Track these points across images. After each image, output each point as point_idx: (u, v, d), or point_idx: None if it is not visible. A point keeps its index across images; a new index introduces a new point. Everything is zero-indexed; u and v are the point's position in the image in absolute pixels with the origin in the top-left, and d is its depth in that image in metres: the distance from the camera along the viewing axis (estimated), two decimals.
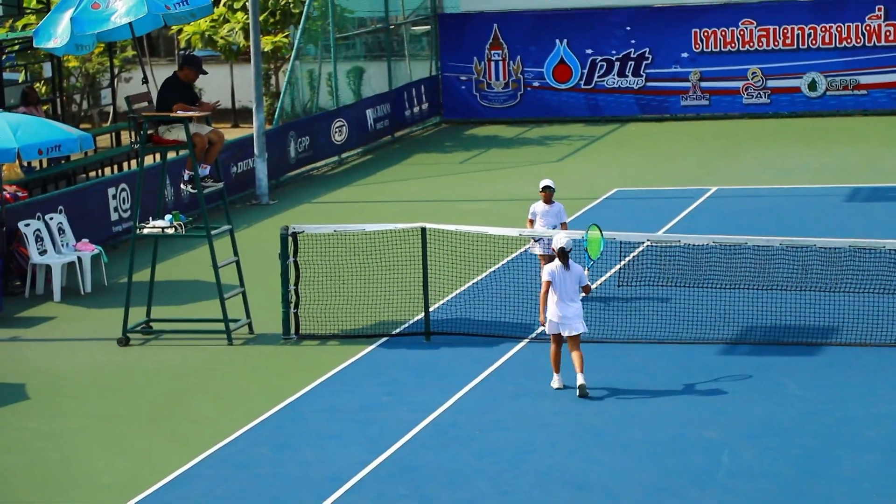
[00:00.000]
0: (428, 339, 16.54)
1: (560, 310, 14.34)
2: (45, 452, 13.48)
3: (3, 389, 15.37)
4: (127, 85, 32.92)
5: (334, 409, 14.37)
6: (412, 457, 12.99)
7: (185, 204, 22.77)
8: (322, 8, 29.48)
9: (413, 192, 25.60)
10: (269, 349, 16.58)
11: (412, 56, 33.35)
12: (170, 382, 15.51)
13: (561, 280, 14.37)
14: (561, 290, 14.35)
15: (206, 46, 31.39)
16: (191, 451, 13.25)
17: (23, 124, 18.78)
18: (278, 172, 26.66)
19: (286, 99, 28.34)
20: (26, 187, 23.12)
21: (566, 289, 14.35)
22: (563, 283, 14.36)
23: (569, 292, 14.35)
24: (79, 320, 18.17)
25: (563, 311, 14.33)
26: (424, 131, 32.70)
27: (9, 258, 19.41)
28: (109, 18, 16.52)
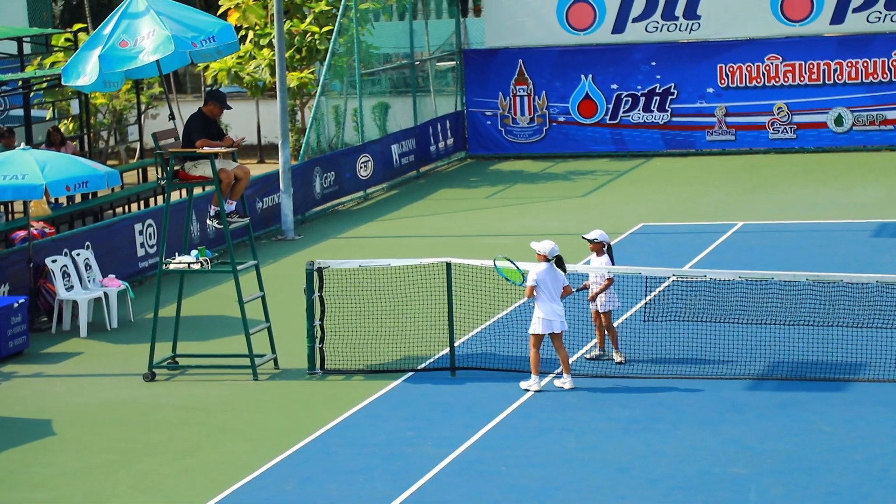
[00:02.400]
0: (453, 374, 16.52)
1: (553, 309, 15.33)
2: (72, 488, 13.49)
3: (30, 425, 15.40)
4: (154, 121, 33.12)
5: (359, 443, 14.35)
6: (437, 492, 12.95)
7: (211, 239, 22.84)
8: (347, 44, 29.63)
9: (438, 227, 25.63)
10: (295, 384, 16.59)
11: (437, 91, 33.45)
12: (195, 418, 15.52)
13: (551, 281, 15.38)
14: (552, 291, 15.39)
15: (232, 83, 31.56)
16: (216, 486, 13.25)
17: (50, 161, 18.90)
18: (304, 208, 26.74)
19: (312, 135, 28.44)
20: (53, 223, 23.24)
21: (555, 290, 15.43)
22: (553, 285, 15.39)
23: (556, 294, 15.45)
24: (105, 356, 18.21)
25: (556, 310, 15.36)
26: (449, 166, 32.76)
27: (36, 294, 19.49)
28: (137, 56, 16.64)
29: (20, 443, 14.77)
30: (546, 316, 15.40)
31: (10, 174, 18.47)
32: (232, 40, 17.33)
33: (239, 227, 17.62)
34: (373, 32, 30.86)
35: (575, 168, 31.60)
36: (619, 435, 14.21)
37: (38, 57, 31.37)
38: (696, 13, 32.27)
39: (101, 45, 16.71)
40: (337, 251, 23.51)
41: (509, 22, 32.97)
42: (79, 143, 28.29)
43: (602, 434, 14.24)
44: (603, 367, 16.45)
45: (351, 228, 26.05)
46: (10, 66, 30.21)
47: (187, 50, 16.88)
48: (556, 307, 15.47)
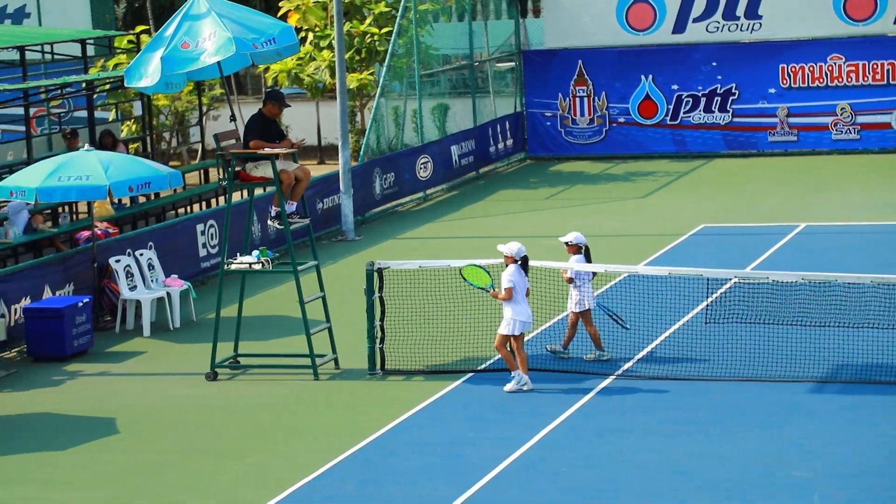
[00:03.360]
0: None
1: (524, 309, 15.74)
2: (135, 487, 13.60)
3: (93, 423, 15.54)
4: (215, 123, 33.33)
5: (420, 444, 14.36)
6: (498, 493, 12.93)
7: (272, 240, 22.95)
8: (407, 45, 29.67)
9: (498, 228, 25.59)
10: (355, 384, 16.63)
11: (497, 92, 33.43)
12: (256, 417, 15.59)
13: (521, 283, 15.83)
14: (522, 292, 15.81)
15: (292, 84, 31.70)
16: (277, 486, 13.30)
17: (114, 162, 19.07)
18: (364, 208, 26.80)
19: (371, 136, 28.51)
20: (117, 224, 23.45)
21: (523, 291, 15.85)
22: (522, 286, 15.85)
23: (524, 295, 15.87)
24: (167, 355, 18.34)
25: (526, 311, 15.77)
26: (509, 167, 32.72)
27: (100, 294, 19.67)
28: (199, 58, 16.74)
29: (84, 441, 14.91)
30: (518, 317, 15.71)
31: (75, 175, 18.65)
32: (292, 42, 17.39)
33: (299, 228, 17.69)
34: (432, 33, 30.88)
35: (635, 169, 31.46)
36: (681, 437, 14.12)
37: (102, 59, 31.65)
38: (758, 13, 32.03)
39: (163, 47, 16.83)
40: (396, 252, 23.54)
41: (569, 22, 32.88)
42: (141, 145, 28.52)
43: (663, 436, 14.17)
44: (664, 369, 16.37)
45: (410, 229, 26.07)
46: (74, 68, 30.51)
47: (248, 51, 16.96)
48: (526, 308, 15.82)
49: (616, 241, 23.71)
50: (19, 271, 18.91)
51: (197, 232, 22.21)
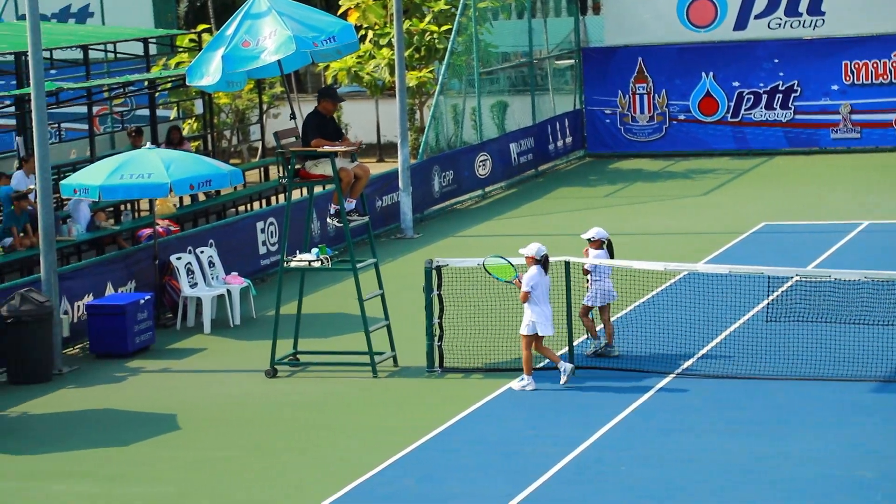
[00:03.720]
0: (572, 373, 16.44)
1: (544, 311, 15.67)
2: (196, 482, 13.70)
3: (155, 419, 15.68)
4: (275, 121, 33.49)
5: (478, 442, 14.36)
6: (556, 491, 12.91)
7: (331, 237, 23.04)
8: (466, 43, 29.67)
9: (556, 226, 25.54)
10: (414, 382, 16.66)
11: (556, 90, 33.37)
12: (316, 414, 15.66)
13: (542, 284, 15.78)
14: (544, 294, 15.73)
15: (351, 82, 31.80)
16: (337, 482, 13.35)
17: (175, 160, 19.21)
18: (422, 206, 26.84)
19: (431, 133, 28.54)
20: (178, 221, 23.62)
21: (545, 292, 15.78)
22: (544, 287, 15.80)
23: (546, 296, 15.80)
24: (228, 352, 18.46)
25: (546, 313, 15.71)
26: (568, 165, 32.65)
27: (161, 291, 19.83)
28: (259, 56, 16.84)
29: (146, 437, 15.04)
30: (538, 319, 15.70)
31: (137, 173, 18.81)
32: (352, 40, 17.45)
33: (358, 226, 17.75)
34: (491, 31, 30.86)
35: (695, 166, 31.28)
36: (741, 436, 14.03)
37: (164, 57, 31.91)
38: (821, 9, 31.75)
39: (224, 46, 16.94)
40: (455, 249, 23.55)
41: (629, 19, 32.75)
42: (202, 143, 28.72)
43: (723, 435, 14.08)
44: (724, 367, 16.26)
45: (469, 227, 26.08)
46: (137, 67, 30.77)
47: (308, 50, 17.04)
48: (547, 309, 15.78)
49: (676, 240, 23.59)
50: (82, 268, 19.10)
51: (257, 229, 22.34)
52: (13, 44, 25.73)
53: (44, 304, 17.26)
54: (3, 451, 14.70)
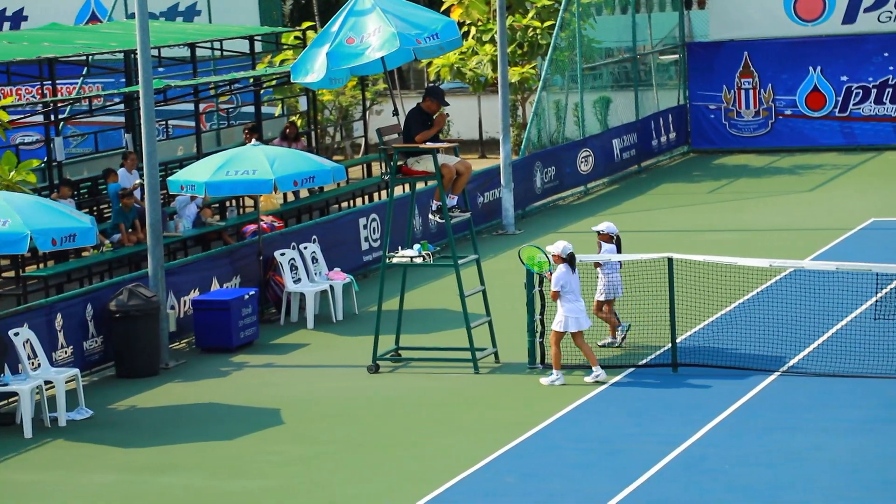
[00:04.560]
0: (675, 370, 16.33)
1: (577, 307, 15.80)
2: (298, 477, 13.81)
3: (259, 414, 15.83)
4: (378, 117, 33.65)
5: (580, 439, 14.30)
6: (660, 489, 12.81)
7: (432, 234, 23.09)
8: (569, 39, 29.56)
9: (660, 223, 25.36)
10: (515, 378, 16.63)
11: (660, 85, 33.12)
12: (418, 410, 15.71)
13: (572, 281, 15.93)
14: (574, 289, 15.91)
15: (454, 78, 31.84)
16: (438, 478, 13.38)
17: (279, 156, 19.39)
18: (524, 202, 26.80)
19: (533, 129, 28.49)
20: (282, 218, 23.84)
21: (576, 288, 15.95)
22: (573, 283, 15.95)
23: (577, 292, 15.94)
24: (330, 347, 18.58)
25: (579, 308, 15.82)
26: (672, 161, 32.39)
27: (265, 286, 20.02)
28: (363, 53, 16.91)
29: (250, 431, 15.19)
30: (570, 314, 15.86)
31: (242, 169, 19.02)
32: (455, 37, 17.46)
33: (460, 222, 17.75)
34: (594, 26, 30.71)
35: (802, 162, 30.86)
36: (849, 435, 13.81)
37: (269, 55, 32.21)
38: None
39: (328, 43, 17.05)
40: None
41: (734, 14, 32.40)
42: (306, 139, 28.94)
43: (831, 434, 13.87)
44: (831, 365, 16.02)
45: (571, 223, 25.98)
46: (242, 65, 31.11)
47: (411, 46, 17.08)
48: (580, 305, 15.94)
49: (782, 236, 23.30)
50: (188, 264, 19.35)
51: (359, 226, 22.46)
52: (123, 42, 26.15)
53: (151, 299, 17.51)
54: (111, 444, 14.95)
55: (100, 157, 27.82)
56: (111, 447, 14.86)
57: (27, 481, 13.95)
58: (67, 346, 16.93)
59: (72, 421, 15.64)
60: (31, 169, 16.83)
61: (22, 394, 15.33)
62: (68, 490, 13.68)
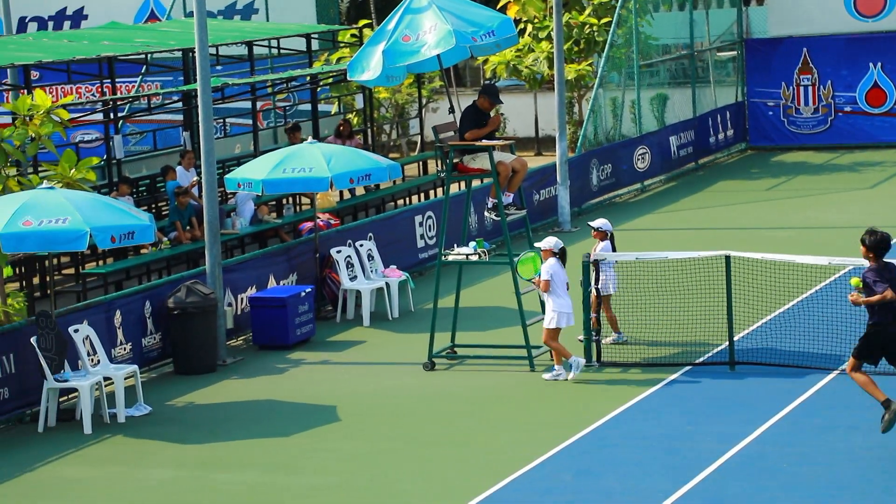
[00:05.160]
0: (732, 368, 16.24)
1: (566, 302, 16.05)
2: (356, 473, 13.85)
3: (315, 411, 15.89)
4: (434, 115, 33.68)
5: (637, 437, 14.25)
6: (717, 487, 12.74)
7: (488, 231, 23.08)
8: (626, 36, 29.45)
9: (717, 220, 25.21)
10: None
11: (717, 82, 32.93)
12: (473, 408, 15.70)
13: (561, 276, 16.14)
14: (562, 285, 16.09)
15: (510, 76, 31.81)
16: (494, 476, 13.37)
17: (336, 154, 19.45)
18: (580, 200, 26.73)
19: (589, 127, 28.41)
20: (338, 215, 23.92)
21: (564, 284, 16.12)
22: (562, 279, 16.15)
23: (565, 287, 16.12)
24: (386, 345, 18.62)
25: (568, 304, 16.08)
26: (729, 158, 32.20)
27: (321, 284, 20.09)
28: (420, 50, 16.93)
29: (307, 428, 15.25)
30: (561, 309, 16.07)
31: (299, 167, 19.09)
32: (511, 34, 17.44)
33: (516, 219, 17.74)
34: (651, 23, 30.58)
35: (861, 159, 30.57)
36: None
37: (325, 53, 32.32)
38: None
39: (384, 41, 17.08)
40: None
41: (793, 9, 32.16)
42: (362, 137, 29.03)
43: (890, 433, 13.71)
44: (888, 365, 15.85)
45: (628, 220, 25.89)
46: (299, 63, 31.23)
47: (467, 44, 17.09)
48: (568, 301, 16.14)
49: (841, 234, 23.08)
50: (245, 261, 19.46)
51: (415, 223, 22.49)
52: (181, 41, 26.33)
53: (208, 296, 17.62)
54: (169, 440, 15.06)
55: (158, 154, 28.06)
56: (169, 443, 14.97)
57: (86, 476, 14.09)
58: (126, 342, 17.07)
59: (130, 417, 15.78)
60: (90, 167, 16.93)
61: (82, 390, 15.48)
62: (127, 485, 13.80)
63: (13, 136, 16.50)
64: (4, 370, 15.47)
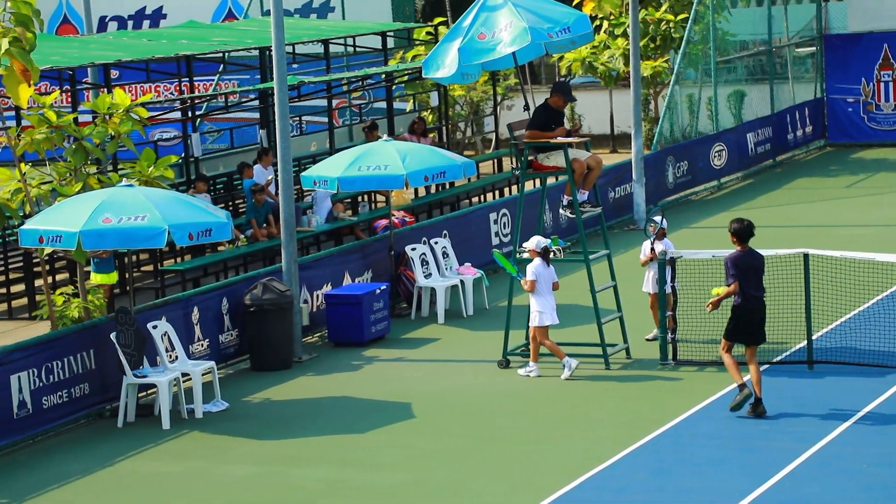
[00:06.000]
0: (811, 367, 16.08)
1: (548, 301, 16.34)
2: (431, 471, 13.87)
3: (390, 408, 15.94)
4: (509, 112, 33.64)
5: (713, 436, 14.15)
6: (795, 487, 12.62)
7: (563, 229, 23.02)
8: (703, 32, 29.24)
9: (795, 217, 24.97)
10: (647, 374, 16.51)
11: (796, 78, 32.60)
12: (548, 405, 15.68)
13: (545, 275, 16.42)
14: (546, 284, 16.39)
15: (585, 73, 31.70)
16: (568, 474, 13.34)
17: (411, 152, 19.49)
18: (655, 197, 26.58)
19: (665, 124, 28.24)
20: (413, 212, 23.96)
21: (547, 284, 16.41)
22: (546, 279, 16.43)
23: (549, 287, 16.45)
24: (461, 342, 18.63)
25: (550, 303, 16.35)
26: (807, 155, 31.87)
27: (396, 281, 20.14)
28: (495, 48, 16.92)
29: (382, 424, 15.31)
30: (542, 309, 16.34)
31: (374, 165, 19.15)
32: (587, 31, 17.38)
33: (591, 217, 17.69)
34: (729, 19, 30.35)
35: None
36: None
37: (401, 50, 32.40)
38: None
39: (460, 38, 17.09)
40: (690, 241, 23.21)
41: (874, 5, 31.76)
42: (437, 134, 29.06)
43: None
44: None
45: (704, 218, 25.71)
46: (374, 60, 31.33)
47: (543, 41, 17.05)
48: (550, 300, 16.41)
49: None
50: (321, 259, 19.56)
51: (490, 221, 22.48)
52: (258, 39, 26.52)
53: (284, 293, 17.73)
54: (246, 436, 15.17)
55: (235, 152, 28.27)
56: (246, 439, 15.08)
57: (165, 471, 14.23)
58: (204, 339, 17.22)
59: (208, 413, 15.92)
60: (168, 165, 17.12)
61: (160, 386, 15.65)
62: (205, 481, 13.93)
63: (93, 135, 16.71)
64: (85, 366, 15.68)
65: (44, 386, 15.16)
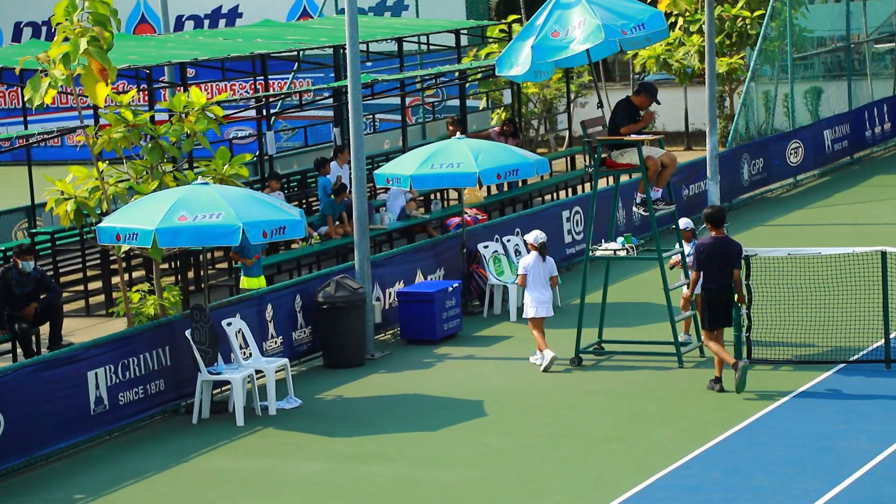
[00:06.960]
0: (888, 366, 15.88)
1: (538, 295, 16.68)
2: (503, 468, 13.86)
3: (462, 406, 15.95)
4: (582, 110, 33.51)
5: (788, 435, 14.01)
6: (872, 488, 12.47)
7: (636, 226, 22.91)
8: (780, 28, 28.97)
9: (873, 215, 24.66)
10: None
11: (874, 75, 32.20)
12: (620, 404, 15.61)
13: (538, 269, 16.81)
14: (538, 278, 16.75)
15: (660, 70, 31.51)
16: (642, 472, 13.28)
17: (483, 150, 19.49)
18: (731, 195, 26.37)
19: (740, 121, 28.01)
20: (485, 210, 23.96)
21: (541, 277, 16.79)
22: (539, 272, 16.83)
23: (543, 281, 16.80)
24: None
25: (540, 297, 16.68)
26: (886, 152, 31.47)
27: (468, 279, 20.14)
28: (568, 46, 16.87)
29: (454, 422, 15.31)
30: (531, 302, 16.74)
31: (447, 163, 19.18)
32: (662, 27, 17.28)
33: (665, 215, 17.58)
34: (806, 15, 30.03)
35: None
36: None
37: (474, 48, 32.40)
38: None
39: (533, 36, 17.05)
40: (765, 239, 23.03)
41: None
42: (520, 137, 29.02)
43: None
44: None
45: (779, 216, 25.47)
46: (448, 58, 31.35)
47: (617, 38, 16.97)
48: (542, 293, 16.77)
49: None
50: (394, 256, 19.61)
51: (562, 218, 22.42)
52: (332, 37, 26.64)
53: (357, 290, 17.80)
54: (319, 433, 15.25)
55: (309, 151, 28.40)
56: (319, 436, 15.16)
57: (239, 468, 14.34)
58: (277, 336, 17.33)
59: (281, 410, 16.01)
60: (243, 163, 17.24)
61: (234, 382, 15.76)
62: (278, 477, 14.02)
63: (169, 133, 16.87)
64: (160, 362, 15.83)
65: (120, 382, 15.33)
